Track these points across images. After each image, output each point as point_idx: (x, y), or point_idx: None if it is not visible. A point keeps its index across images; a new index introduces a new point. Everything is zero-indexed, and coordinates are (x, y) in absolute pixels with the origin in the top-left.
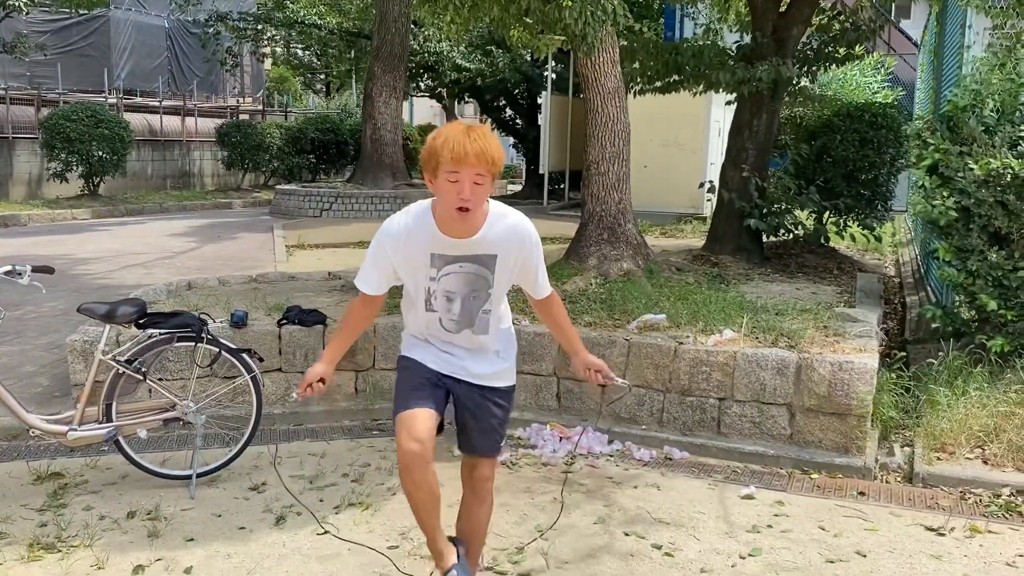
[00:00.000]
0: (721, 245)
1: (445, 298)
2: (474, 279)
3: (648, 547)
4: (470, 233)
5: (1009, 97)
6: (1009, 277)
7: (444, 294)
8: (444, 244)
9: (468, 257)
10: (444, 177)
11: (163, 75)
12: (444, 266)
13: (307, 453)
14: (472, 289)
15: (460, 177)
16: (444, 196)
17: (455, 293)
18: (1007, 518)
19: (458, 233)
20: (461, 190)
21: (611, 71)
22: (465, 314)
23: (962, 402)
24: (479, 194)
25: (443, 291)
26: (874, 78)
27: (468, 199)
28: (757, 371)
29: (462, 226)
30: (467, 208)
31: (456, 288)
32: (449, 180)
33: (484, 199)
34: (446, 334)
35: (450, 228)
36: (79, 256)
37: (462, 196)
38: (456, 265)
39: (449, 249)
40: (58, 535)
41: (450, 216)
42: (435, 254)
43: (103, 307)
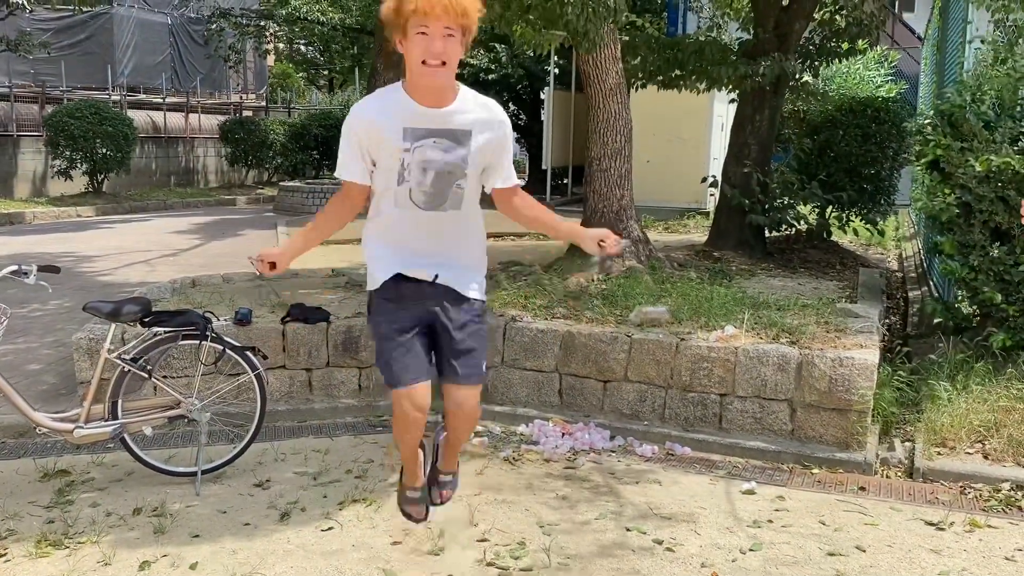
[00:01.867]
0: (723, 240)
1: (420, 168)
2: (450, 155)
3: (650, 542)
4: (442, 100)
5: (1009, 92)
6: (1011, 272)
7: (419, 164)
8: (416, 115)
9: (442, 132)
10: (413, 33)
11: (166, 72)
12: (417, 140)
13: (311, 449)
14: (446, 164)
15: (430, 31)
16: (413, 51)
17: (431, 163)
18: (1007, 512)
19: (430, 99)
20: (431, 43)
21: (613, 67)
22: (438, 186)
23: (963, 397)
24: (451, 49)
25: (418, 161)
26: (878, 72)
27: (440, 52)
28: (758, 367)
29: (433, 87)
30: (438, 63)
31: (432, 157)
32: (418, 34)
33: (456, 57)
34: (414, 214)
35: (422, 92)
36: (84, 254)
37: (432, 49)
38: (430, 140)
39: (422, 121)
40: (65, 531)
41: (420, 73)
42: (407, 128)
43: (108, 305)
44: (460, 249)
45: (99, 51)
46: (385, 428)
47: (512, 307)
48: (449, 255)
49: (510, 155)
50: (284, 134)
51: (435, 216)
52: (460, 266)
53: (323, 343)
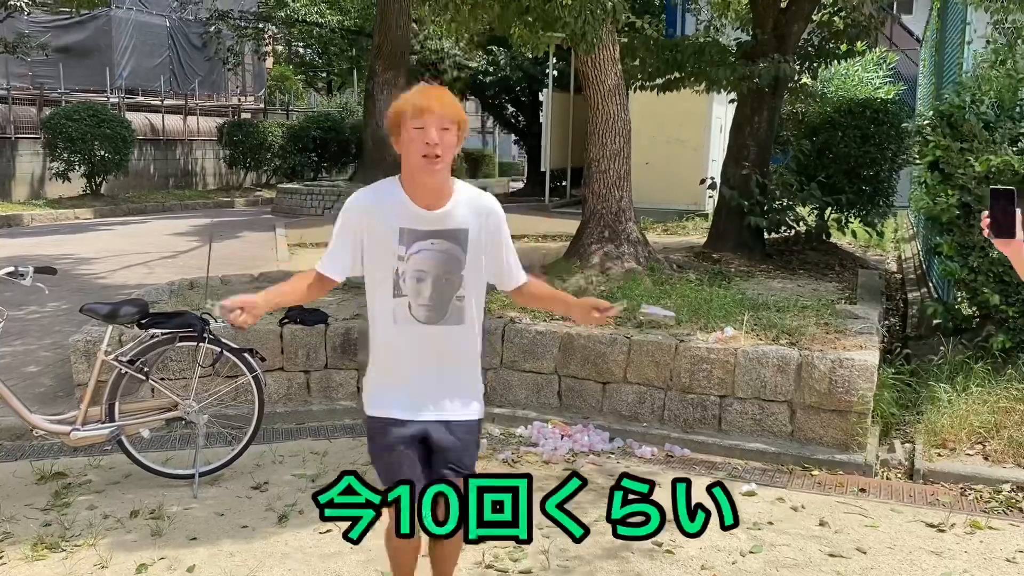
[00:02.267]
0: (723, 242)
1: (415, 279)
2: (446, 258)
3: (648, 544)
4: (439, 200)
5: (1009, 93)
6: (1010, 273)
7: (414, 274)
8: (413, 217)
9: (439, 232)
10: (409, 129)
11: (165, 74)
12: (414, 242)
13: (309, 452)
14: (444, 270)
15: (425, 124)
16: (410, 147)
17: (426, 273)
18: (1007, 514)
19: (427, 199)
20: (427, 136)
21: (611, 69)
22: (436, 298)
23: (963, 398)
24: (446, 143)
25: (413, 271)
26: (876, 74)
27: (435, 143)
28: (758, 368)
29: (431, 184)
30: (435, 155)
31: (427, 267)
32: (414, 129)
33: (452, 152)
34: (414, 329)
35: (419, 192)
36: (81, 256)
37: (428, 141)
38: (427, 241)
39: (419, 223)
40: (62, 534)
41: (419, 169)
42: (404, 229)
43: (106, 307)
44: (462, 368)
45: (97, 53)
46: None
47: (511, 309)
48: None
49: (511, 245)
50: (282, 136)
51: (436, 332)
52: (461, 389)
53: (321, 345)
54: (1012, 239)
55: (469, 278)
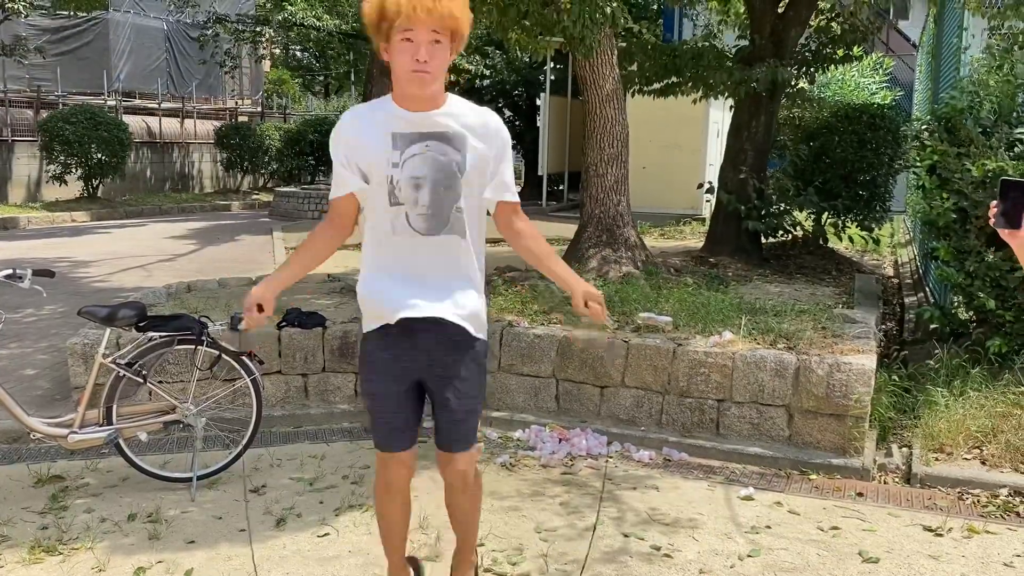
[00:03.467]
0: (720, 246)
1: (412, 185)
2: (443, 163)
3: (647, 548)
4: (431, 103)
5: (1006, 99)
6: (1007, 278)
7: (410, 180)
8: (404, 120)
9: (433, 134)
10: (397, 40)
11: (162, 77)
12: (408, 146)
13: (307, 455)
14: (442, 174)
15: (415, 36)
16: (399, 59)
17: (422, 178)
18: (1005, 518)
19: (417, 103)
20: (416, 51)
21: (609, 73)
22: (436, 205)
23: (960, 403)
24: (438, 57)
25: (409, 177)
26: (873, 79)
27: (425, 60)
28: (755, 372)
29: (421, 92)
30: (424, 70)
31: (423, 171)
32: (403, 40)
33: (444, 65)
34: (413, 239)
35: (408, 98)
36: (78, 259)
37: (418, 57)
38: (421, 144)
39: (410, 126)
40: (59, 538)
41: (408, 81)
42: (396, 133)
43: (103, 310)
44: (463, 281)
45: (95, 56)
46: None
47: (509, 312)
48: (452, 289)
49: (510, 167)
50: (280, 140)
51: (437, 242)
52: (463, 303)
53: (319, 348)
54: (1018, 230)
55: (468, 189)
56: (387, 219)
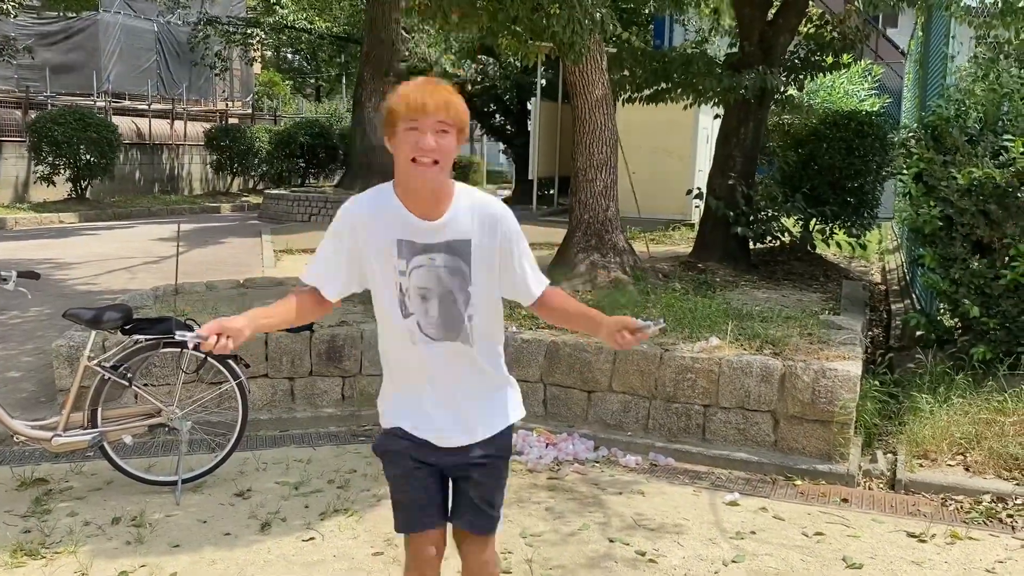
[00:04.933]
0: (708, 252)
1: (420, 296)
2: (449, 274)
3: (632, 553)
4: (436, 209)
5: (992, 107)
6: (991, 285)
7: (418, 292)
8: (410, 228)
9: (439, 246)
10: (402, 130)
11: (152, 79)
12: (413, 257)
13: (293, 459)
14: (448, 288)
15: (420, 126)
16: (401, 148)
17: (430, 290)
18: (987, 525)
19: (423, 208)
20: (421, 139)
21: (599, 79)
22: (445, 317)
23: (944, 409)
24: (443, 147)
25: (416, 288)
26: (861, 86)
27: (432, 148)
28: (742, 378)
29: (424, 191)
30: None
31: (430, 284)
32: (407, 129)
33: (451, 155)
34: (430, 347)
35: (413, 200)
36: (65, 260)
37: (422, 145)
38: (426, 256)
39: (416, 235)
40: (42, 541)
41: (409, 174)
42: (402, 240)
43: (89, 313)
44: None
45: (84, 57)
46: (368, 438)
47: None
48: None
49: (527, 254)
50: (270, 142)
51: (454, 348)
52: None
53: (306, 352)
54: None
55: (477, 294)
56: (404, 329)
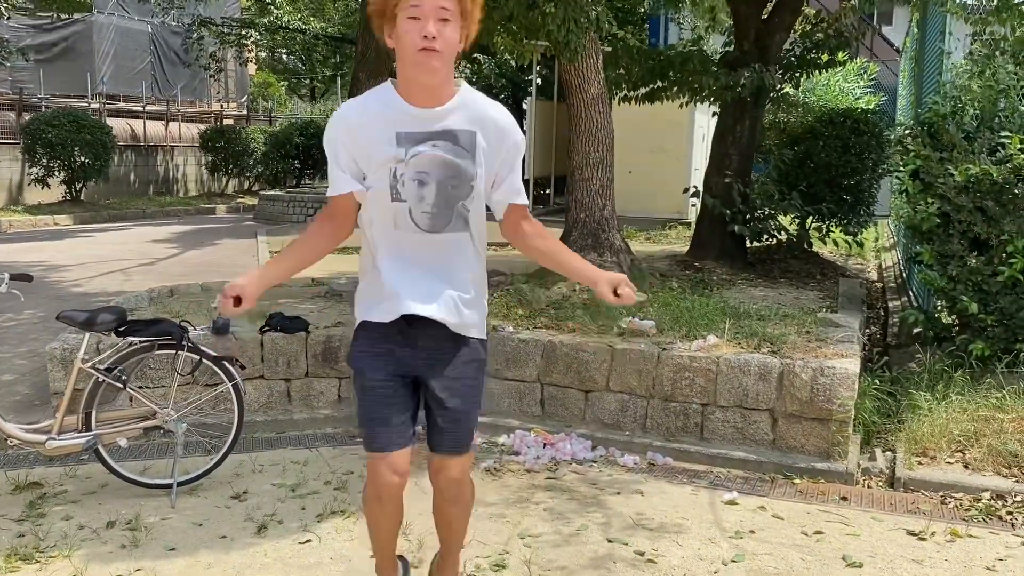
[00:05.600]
0: (705, 251)
1: (416, 181)
2: (450, 162)
3: (631, 554)
4: (440, 97)
5: (988, 104)
6: (988, 282)
7: (415, 176)
8: (410, 117)
9: (441, 133)
10: (403, 17)
11: (146, 80)
12: (413, 145)
13: (289, 461)
14: (449, 173)
15: (423, 12)
16: (404, 39)
17: (428, 175)
18: (987, 522)
19: (425, 97)
20: (424, 27)
21: (594, 78)
22: (441, 204)
23: (943, 407)
24: (446, 35)
25: (413, 172)
26: (857, 84)
27: (433, 35)
28: (739, 376)
29: (430, 81)
30: (432, 48)
31: (429, 168)
32: (409, 18)
33: (454, 45)
34: (416, 236)
35: (416, 90)
36: (59, 263)
37: (425, 33)
38: (427, 144)
39: (417, 124)
40: (36, 545)
41: (414, 62)
42: (401, 132)
43: (82, 315)
44: (464, 281)
45: (78, 59)
46: None
47: (494, 317)
48: (454, 289)
49: (518, 169)
50: (265, 143)
51: (439, 240)
52: (463, 302)
53: (302, 353)
54: None
55: (476, 188)
56: (389, 214)
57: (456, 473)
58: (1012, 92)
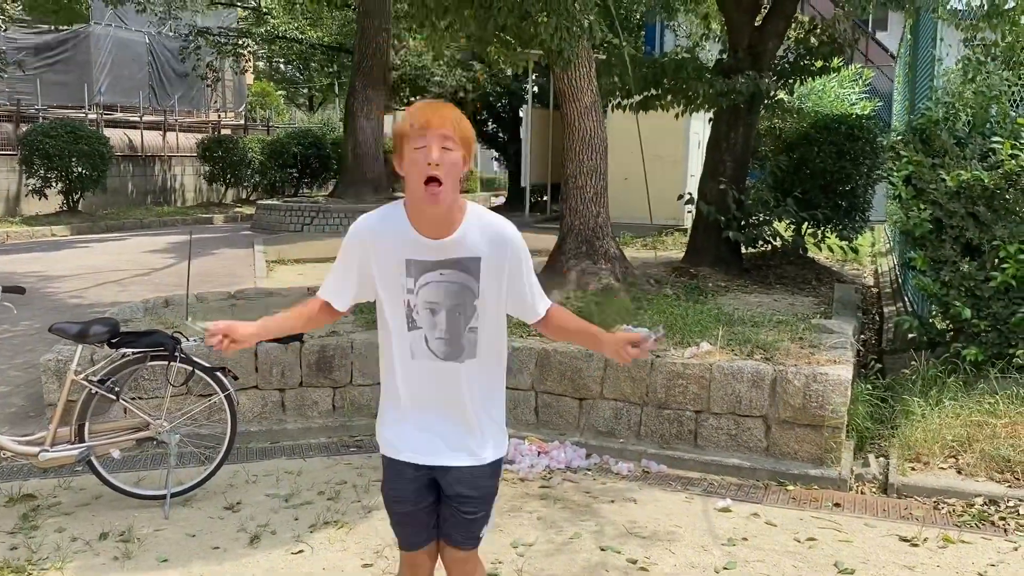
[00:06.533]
0: (700, 257)
1: (428, 311)
2: (458, 289)
3: (624, 561)
4: (447, 228)
5: (980, 110)
6: (981, 288)
7: (426, 306)
8: (419, 247)
9: (448, 262)
10: (410, 149)
11: (144, 90)
12: (421, 274)
13: (283, 471)
14: (456, 301)
15: (427, 142)
16: (412, 171)
17: (438, 304)
18: (979, 528)
19: (433, 229)
20: (428, 155)
21: (588, 86)
22: (452, 331)
23: (936, 412)
24: (450, 163)
25: (424, 303)
26: (852, 90)
27: (437, 162)
28: (733, 383)
29: (436, 214)
30: (437, 177)
31: (438, 299)
32: (415, 149)
33: (457, 173)
34: (433, 364)
35: (424, 222)
36: (56, 274)
37: (430, 160)
38: (436, 273)
39: (425, 253)
40: (29, 558)
41: (421, 198)
42: (410, 260)
43: (75, 327)
44: (482, 407)
45: (76, 69)
46: (359, 449)
47: None
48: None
49: (532, 277)
50: (262, 152)
51: (455, 368)
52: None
53: (296, 363)
54: None
55: (483, 308)
56: (406, 343)
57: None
58: (1004, 98)
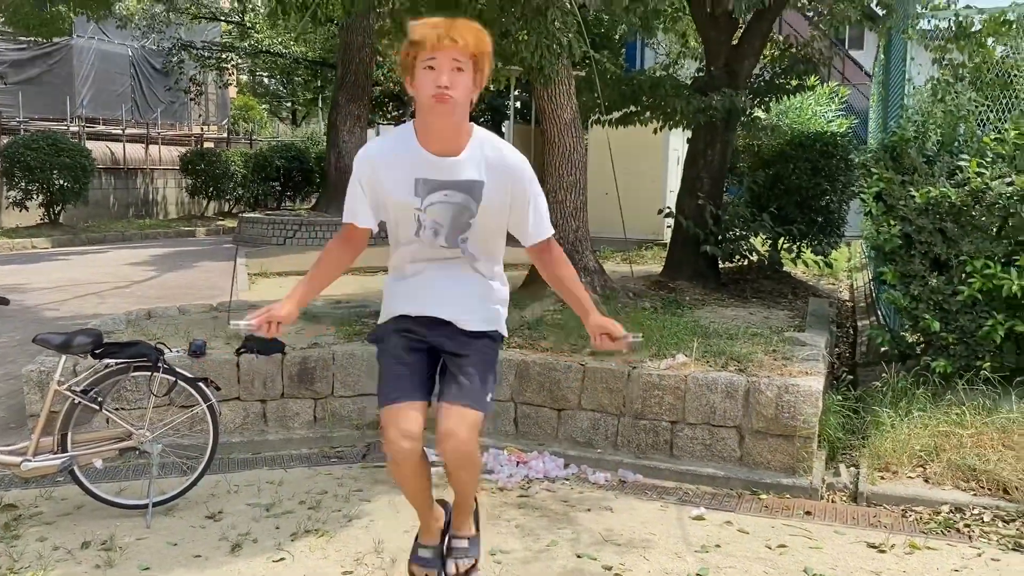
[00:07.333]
0: (678, 271)
1: (432, 231)
2: (459, 210)
3: (599, 569)
4: (455, 146)
5: (948, 129)
6: (949, 301)
7: (431, 226)
8: (428, 165)
9: (453, 183)
10: (421, 69)
11: (126, 103)
12: (429, 194)
13: (264, 481)
14: (457, 219)
15: (438, 63)
16: (421, 89)
17: (441, 225)
18: (945, 534)
19: (441, 145)
20: (438, 77)
21: (567, 103)
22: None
23: (905, 423)
24: (460, 83)
25: (431, 223)
26: (829, 107)
27: (446, 85)
28: (707, 394)
29: (445, 127)
30: (446, 96)
31: (442, 219)
32: (425, 68)
33: (467, 92)
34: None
35: (432, 137)
36: (37, 286)
37: (439, 83)
38: (441, 193)
39: (433, 172)
40: (10, 567)
41: (430, 109)
42: (419, 179)
43: (58, 337)
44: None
45: (58, 82)
46: (339, 459)
47: None
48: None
49: (535, 203)
50: (245, 166)
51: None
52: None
53: (278, 374)
54: None
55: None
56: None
57: (463, 436)
58: (971, 117)
